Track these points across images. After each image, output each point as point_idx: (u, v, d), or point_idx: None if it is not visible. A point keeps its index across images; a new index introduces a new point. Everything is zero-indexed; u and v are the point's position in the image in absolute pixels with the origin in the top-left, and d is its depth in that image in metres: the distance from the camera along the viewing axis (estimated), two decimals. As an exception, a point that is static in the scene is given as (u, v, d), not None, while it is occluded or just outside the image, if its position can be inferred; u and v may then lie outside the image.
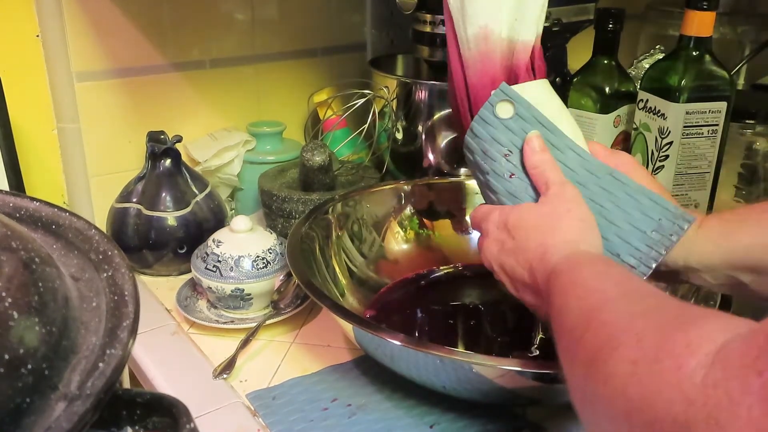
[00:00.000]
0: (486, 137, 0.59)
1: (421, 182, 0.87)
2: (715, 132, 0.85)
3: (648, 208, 0.56)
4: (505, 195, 0.59)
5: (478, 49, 0.60)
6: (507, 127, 0.59)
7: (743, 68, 1.14)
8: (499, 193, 0.59)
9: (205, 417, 0.61)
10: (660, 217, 0.56)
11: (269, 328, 0.74)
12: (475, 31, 0.60)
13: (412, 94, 0.93)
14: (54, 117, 0.90)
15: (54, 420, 0.31)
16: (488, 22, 0.59)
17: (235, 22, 0.98)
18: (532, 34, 0.61)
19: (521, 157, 0.58)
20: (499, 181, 0.59)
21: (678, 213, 0.56)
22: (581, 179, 0.57)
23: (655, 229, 0.55)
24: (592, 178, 0.58)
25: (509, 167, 0.58)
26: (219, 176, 0.97)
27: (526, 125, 0.58)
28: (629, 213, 0.56)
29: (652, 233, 0.55)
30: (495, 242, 0.57)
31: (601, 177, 0.57)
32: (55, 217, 0.43)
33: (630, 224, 0.56)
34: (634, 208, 0.56)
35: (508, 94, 0.59)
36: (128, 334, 0.35)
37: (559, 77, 1.04)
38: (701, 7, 0.80)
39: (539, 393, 0.57)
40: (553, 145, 0.58)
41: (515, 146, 0.58)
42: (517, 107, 0.59)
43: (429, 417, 0.61)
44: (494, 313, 0.75)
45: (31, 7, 0.84)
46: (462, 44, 0.61)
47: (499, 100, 0.59)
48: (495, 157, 0.59)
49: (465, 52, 0.61)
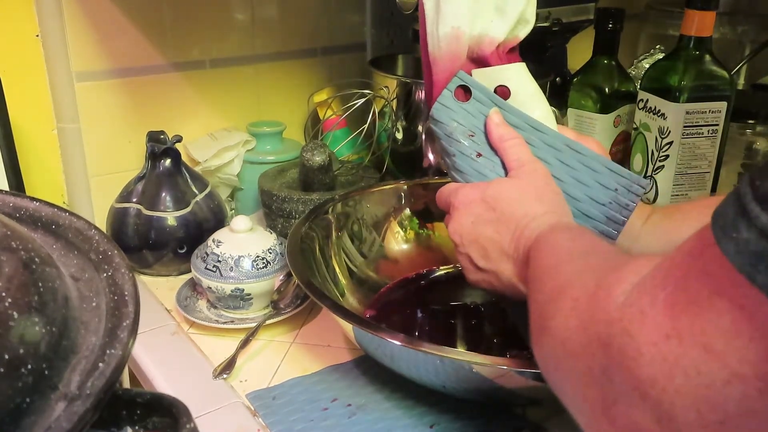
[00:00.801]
0: (447, 121, 0.62)
1: (422, 182, 0.87)
2: (715, 132, 0.85)
3: (604, 176, 0.60)
4: (473, 174, 0.61)
5: (449, 49, 0.62)
6: (466, 110, 0.62)
7: (743, 68, 1.14)
8: (467, 173, 0.61)
9: (205, 417, 0.61)
10: (616, 186, 0.59)
11: (269, 328, 0.74)
12: (446, 31, 0.61)
13: (412, 94, 0.93)
14: (54, 117, 0.90)
15: (54, 420, 0.31)
16: (461, 23, 0.61)
17: (235, 22, 0.98)
18: (503, 34, 0.62)
19: (485, 137, 0.61)
20: (465, 161, 0.61)
21: (633, 177, 0.59)
22: (542, 154, 0.60)
23: (612, 200, 0.59)
24: (552, 151, 0.60)
25: (475, 147, 0.61)
26: (219, 176, 0.97)
27: (483, 108, 0.61)
28: (588, 185, 0.60)
29: (611, 204, 0.59)
30: (468, 215, 0.59)
31: (560, 150, 0.60)
32: (55, 217, 0.43)
33: (589, 197, 0.59)
34: (591, 179, 0.60)
35: (464, 80, 0.62)
36: (128, 334, 0.35)
37: (559, 77, 1.04)
38: (701, 6, 0.80)
39: (539, 393, 0.57)
40: (512, 125, 0.61)
41: (477, 128, 0.61)
42: (474, 92, 0.62)
43: (429, 417, 0.61)
44: (494, 313, 0.75)
45: (31, 7, 0.84)
46: (432, 42, 0.62)
47: (456, 86, 0.62)
48: (459, 139, 0.61)
49: (435, 50, 0.62)
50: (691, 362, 0.29)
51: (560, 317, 0.40)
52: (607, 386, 0.34)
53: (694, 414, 0.29)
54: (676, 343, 0.30)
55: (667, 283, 0.32)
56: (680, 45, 0.84)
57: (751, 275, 0.27)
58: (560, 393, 0.41)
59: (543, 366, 0.43)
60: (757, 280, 0.26)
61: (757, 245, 0.26)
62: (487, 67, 0.62)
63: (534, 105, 0.62)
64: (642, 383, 0.31)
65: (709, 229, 0.29)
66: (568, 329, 0.39)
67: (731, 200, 0.28)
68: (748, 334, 0.27)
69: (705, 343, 0.29)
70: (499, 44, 0.62)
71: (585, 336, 0.36)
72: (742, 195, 0.28)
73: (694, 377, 0.29)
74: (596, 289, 0.37)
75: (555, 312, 0.41)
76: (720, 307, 0.28)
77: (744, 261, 0.27)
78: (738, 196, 0.28)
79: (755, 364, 0.27)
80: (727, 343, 0.28)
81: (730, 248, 0.28)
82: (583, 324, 0.37)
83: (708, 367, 0.28)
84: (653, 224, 0.62)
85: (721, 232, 0.28)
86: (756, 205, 0.27)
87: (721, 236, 0.28)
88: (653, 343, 0.31)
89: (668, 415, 0.30)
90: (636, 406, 0.32)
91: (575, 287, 0.40)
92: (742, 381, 0.28)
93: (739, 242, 0.27)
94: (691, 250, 0.31)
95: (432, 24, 0.62)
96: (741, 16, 1.24)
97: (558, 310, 0.41)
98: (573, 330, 0.38)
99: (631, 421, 0.32)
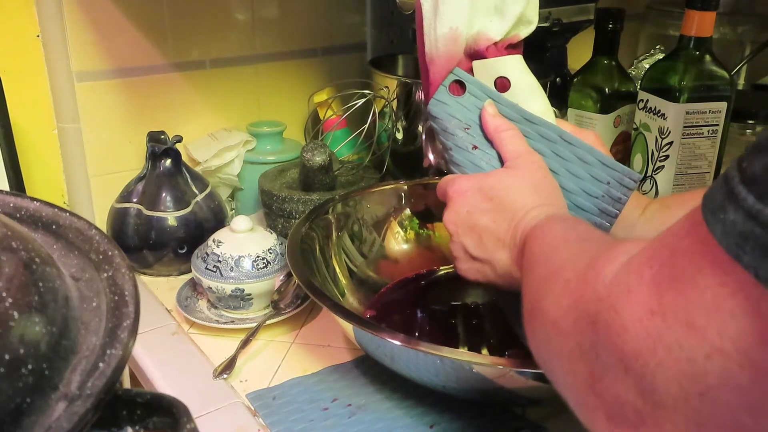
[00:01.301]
0: (443, 116, 0.63)
1: (422, 182, 0.87)
2: (715, 132, 0.85)
3: (597, 169, 0.60)
4: (469, 166, 0.62)
5: (447, 49, 0.62)
6: (461, 104, 0.63)
7: (743, 68, 1.14)
8: (463, 166, 0.62)
9: (205, 417, 0.61)
10: (608, 179, 0.60)
11: (269, 328, 0.74)
12: (444, 32, 0.61)
13: (412, 94, 0.93)
14: (54, 117, 0.90)
15: (54, 420, 0.31)
16: (459, 24, 0.61)
17: (235, 22, 0.98)
18: (501, 34, 0.62)
19: (480, 129, 0.62)
20: (461, 154, 0.62)
21: (625, 170, 0.60)
22: (538, 146, 0.61)
23: (605, 193, 0.60)
24: (547, 143, 0.61)
25: (470, 140, 0.62)
26: (219, 176, 0.97)
27: (478, 101, 0.62)
28: (581, 178, 0.60)
29: (603, 197, 0.60)
30: (463, 204, 0.59)
31: (555, 141, 0.61)
32: (56, 217, 0.43)
33: (582, 189, 0.60)
34: (584, 171, 0.60)
35: (459, 75, 0.63)
36: (128, 334, 0.35)
37: (559, 77, 1.04)
38: (701, 6, 0.80)
39: (539, 393, 0.57)
40: (507, 118, 0.62)
41: (473, 121, 0.62)
42: (468, 86, 0.62)
43: (429, 417, 0.61)
44: (494, 312, 0.75)
45: (31, 7, 0.84)
46: (430, 43, 0.63)
47: (450, 81, 0.63)
48: (455, 132, 0.62)
49: (432, 51, 0.63)
50: (673, 337, 0.30)
51: (552, 297, 0.41)
52: (594, 362, 0.35)
53: (675, 386, 0.30)
54: (659, 320, 0.31)
55: (653, 262, 0.33)
56: (680, 45, 0.84)
57: (738, 256, 0.27)
58: (550, 372, 0.42)
59: (535, 347, 0.44)
60: (743, 261, 0.27)
61: (743, 226, 0.27)
62: (486, 59, 0.62)
63: (534, 96, 0.63)
64: (626, 357, 0.32)
65: (698, 211, 0.30)
66: (559, 308, 0.40)
67: (720, 183, 0.29)
68: (729, 310, 0.28)
69: (687, 320, 0.29)
70: (497, 41, 0.62)
71: (575, 313, 0.37)
72: (730, 178, 0.28)
73: (676, 351, 0.30)
74: (587, 270, 0.38)
75: (547, 293, 0.42)
76: (702, 284, 0.29)
77: (731, 242, 0.28)
78: (726, 179, 0.29)
79: (736, 340, 0.28)
80: (708, 319, 0.29)
81: (718, 229, 0.28)
82: (574, 302, 0.38)
83: (689, 342, 0.29)
84: (650, 215, 0.62)
85: (710, 214, 0.29)
86: (743, 187, 0.27)
87: (709, 218, 0.29)
88: (638, 319, 0.32)
89: (651, 387, 0.31)
90: (620, 380, 0.33)
91: (567, 269, 0.41)
92: (723, 356, 0.28)
93: (726, 223, 0.28)
94: (678, 231, 0.32)
95: (429, 25, 0.62)
96: (741, 16, 1.24)
97: (550, 290, 0.42)
98: (564, 309, 0.39)
99: (616, 394, 0.33)
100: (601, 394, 0.34)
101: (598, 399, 0.35)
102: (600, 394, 0.35)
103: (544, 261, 0.47)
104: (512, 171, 0.59)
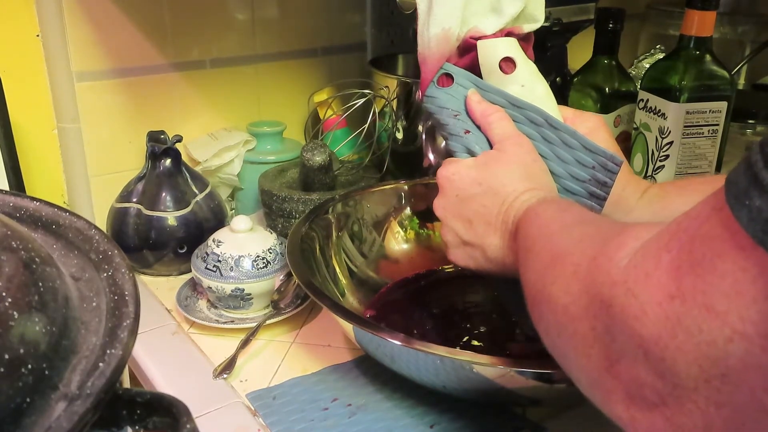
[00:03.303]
0: (435, 109, 0.64)
1: (422, 182, 0.87)
2: (715, 132, 0.85)
3: (581, 153, 0.60)
4: (463, 150, 0.62)
5: (438, 49, 0.63)
6: (450, 94, 0.64)
7: (744, 68, 1.14)
8: (458, 151, 0.62)
9: (205, 417, 0.61)
10: (593, 164, 0.60)
11: (269, 328, 0.74)
12: (436, 32, 0.62)
13: (412, 94, 0.93)
14: (54, 117, 0.89)
15: (54, 420, 0.31)
16: (452, 24, 0.61)
17: (235, 22, 0.98)
18: (493, 30, 0.62)
19: (469, 116, 0.63)
20: (456, 140, 0.62)
21: (607, 154, 0.60)
22: (526, 130, 0.61)
23: (591, 177, 0.60)
24: (534, 127, 0.61)
25: (462, 125, 0.62)
26: (219, 176, 0.97)
27: (466, 91, 0.63)
28: (567, 162, 0.61)
29: (590, 181, 0.60)
30: (452, 189, 0.59)
31: (542, 125, 0.61)
32: (56, 217, 0.43)
33: (569, 174, 0.61)
34: (570, 155, 0.61)
35: (447, 69, 0.64)
36: (128, 334, 0.35)
37: (559, 77, 1.04)
38: (701, 6, 0.80)
39: (539, 393, 0.57)
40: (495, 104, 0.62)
41: (462, 109, 0.63)
42: (456, 77, 0.63)
43: (429, 417, 0.61)
44: (494, 312, 0.75)
45: (31, 7, 0.84)
46: (422, 42, 0.63)
47: (439, 75, 0.64)
48: (447, 121, 0.63)
49: (425, 50, 0.63)
50: (693, 321, 0.30)
51: (561, 283, 0.41)
52: (610, 345, 0.35)
53: (696, 369, 0.30)
54: (679, 303, 0.31)
55: (672, 246, 0.33)
56: (680, 45, 0.84)
57: (763, 241, 0.27)
58: (562, 358, 0.42)
59: (544, 334, 0.44)
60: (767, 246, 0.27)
61: None
62: (490, 39, 0.62)
63: (540, 79, 0.63)
64: (645, 341, 0.32)
65: (718, 196, 0.30)
66: (569, 294, 0.40)
67: (743, 168, 0.29)
68: (752, 295, 0.28)
69: (707, 304, 0.29)
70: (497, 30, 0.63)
71: (587, 298, 0.37)
72: (753, 163, 0.28)
73: (696, 335, 0.30)
74: (597, 255, 0.38)
75: (555, 278, 0.42)
76: (723, 269, 0.29)
77: (757, 228, 0.28)
78: (749, 164, 0.29)
79: (758, 324, 0.28)
80: (729, 304, 0.29)
81: (744, 215, 0.28)
82: (586, 287, 0.38)
83: (710, 326, 0.29)
84: (648, 198, 0.62)
85: (734, 200, 0.29)
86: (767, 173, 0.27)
87: (734, 203, 0.29)
88: (657, 303, 0.32)
89: (671, 369, 0.31)
90: (640, 363, 0.33)
91: (575, 254, 0.41)
92: (744, 339, 0.28)
93: (752, 210, 0.28)
94: (698, 215, 0.32)
95: (423, 24, 0.63)
96: (741, 16, 1.24)
97: (558, 276, 0.42)
98: (575, 294, 0.39)
99: (635, 376, 0.34)
100: (619, 375, 0.35)
101: (616, 380, 0.35)
102: (617, 376, 0.35)
103: (544, 245, 0.47)
104: (500, 154, 0.59)
